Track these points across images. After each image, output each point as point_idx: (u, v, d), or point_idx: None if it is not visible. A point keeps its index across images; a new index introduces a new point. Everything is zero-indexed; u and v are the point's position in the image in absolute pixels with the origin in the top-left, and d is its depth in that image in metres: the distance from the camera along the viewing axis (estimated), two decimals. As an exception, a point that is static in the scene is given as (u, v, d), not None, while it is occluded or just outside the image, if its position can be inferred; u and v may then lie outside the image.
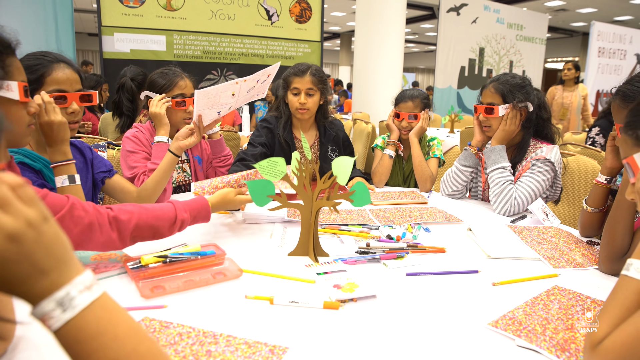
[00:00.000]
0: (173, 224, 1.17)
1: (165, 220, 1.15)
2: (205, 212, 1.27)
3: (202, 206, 1.27)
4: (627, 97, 1.18)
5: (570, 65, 5.53)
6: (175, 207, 1.19)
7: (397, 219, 1.60)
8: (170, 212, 1.17)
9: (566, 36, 19.20)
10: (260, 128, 2.10)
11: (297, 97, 2.03)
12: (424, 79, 28.83)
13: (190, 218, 1.22)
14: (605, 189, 1.36)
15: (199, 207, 1.26)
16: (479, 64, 7.25)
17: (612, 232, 1.16)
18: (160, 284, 1.02)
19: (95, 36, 5.12)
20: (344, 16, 16.24)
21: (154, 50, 4.84)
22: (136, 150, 1.78)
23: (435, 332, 0.87)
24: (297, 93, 2.03)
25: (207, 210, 1.28)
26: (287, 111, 2.11)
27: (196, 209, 1.25)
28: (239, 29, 5.28)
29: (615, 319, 0.64)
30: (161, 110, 1.79)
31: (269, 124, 2.10)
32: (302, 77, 2.02)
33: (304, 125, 2.15)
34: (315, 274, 1.11)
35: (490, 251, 1.28)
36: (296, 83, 2.02)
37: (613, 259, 1.15)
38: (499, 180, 1.72)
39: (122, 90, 2.81)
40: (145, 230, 1.12)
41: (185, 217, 1.19)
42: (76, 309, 0.45)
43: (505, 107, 1.74)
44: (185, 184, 2.00)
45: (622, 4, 13.67)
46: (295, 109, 2.04)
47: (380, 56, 6.19)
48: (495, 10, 7.22)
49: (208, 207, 1.28)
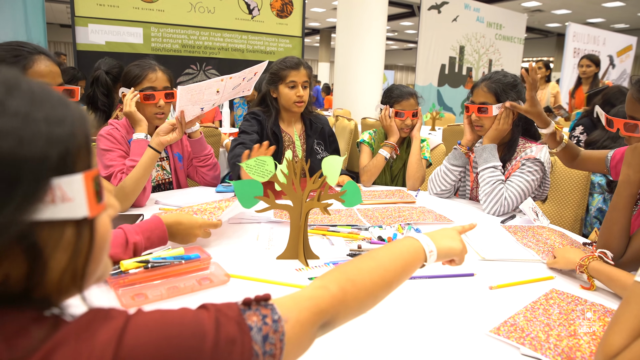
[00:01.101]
0: (125, 248, 1.04)
1: (116, 245, 1.03)
2: (160, 231, 1.13)
3: (155, 225, 1.14)
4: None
5: (541, 64, 5.67)
6: (125, 231, 1.07)
7: (386, 219, 1.56)
8: (120, 236, 1.05)
9: (542, 36, 19.61)
10: (250, 118, 2.06)
11: (294, 90, 2.01)
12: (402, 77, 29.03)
13: (144, 240, 1.09)
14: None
15: (151, 227, 1.13)
16: (459, 62, 7.30)
17: (609, 234, 1.14)
18: (141, 292, 0.95)
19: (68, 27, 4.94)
20: (323, 12, 16.18)
21: (131, 43, 4.68)
22: (111, 148, 1.70)
23: (436, 341, 0.83)
24: (294, 86, 2.00)
25: (162, 230, 1.14)
26: (276, 105, 2.07)
27: (148, 229, 1.12)
28: (218, 23, 5.16)
29: (631, 331, 0.61)
30: (131, 109, 1.71)
31: (257, 116, 2.07)
32: (299, 70, 2.00)
33: (290, 118, 2.12)
34: (307, 279, 1.07)
35: (484, 253, 1.25)
36: (293, 76, 2.00)
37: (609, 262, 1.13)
38: (490, 179, 1.70)
39: (97, 84, 2.69)
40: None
41: (137, 240, 1.07)
42: None
43: (498, 107, 1.72)
44: (165, 182, 1.92)
45: (595, 6, 14.04)
46: (292, 102, 2.02)
47: (362, 52, 6.16)
48: (476, 9, 7.27)
49: (162, 225, 1.15)
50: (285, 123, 2.12)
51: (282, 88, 2.02)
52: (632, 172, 1.14)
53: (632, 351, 0.60)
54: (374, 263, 0.68)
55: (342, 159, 1.14)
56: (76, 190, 0.42)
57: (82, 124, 0.44)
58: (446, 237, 0.81)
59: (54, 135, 0.40)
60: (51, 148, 0.40)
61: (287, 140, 2.10)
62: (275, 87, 2.04)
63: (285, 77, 2.01)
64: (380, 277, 0.67)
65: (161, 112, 1.79)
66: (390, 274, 0.68)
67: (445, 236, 0.81)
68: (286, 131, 2.12)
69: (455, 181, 1.92)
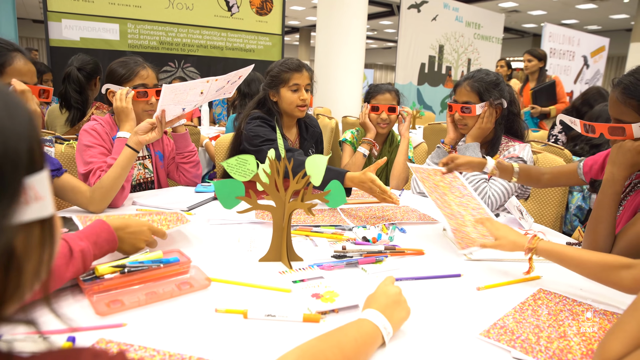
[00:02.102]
0: (69, 259, 0.90)
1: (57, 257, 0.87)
2: (107, 234, 1.01)
3: (101, 228, 1.01)
4: (628, 90, 1.12)
5: (503, 63, 5.81)
6: (67, 239, 0.94)
7: (370, 219, 1.54)
8: (60, 247, 0.89)
9: (518, 36, 19.96)
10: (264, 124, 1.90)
11: (298, 93, 1.91)
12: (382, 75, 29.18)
13: (91, 245, 0.96)
14: None
15: (96, 230, 1.00)
16: (438, 61, 7.35)
17: (595, 232, 1.14)
18: (117, 298, 0.90)
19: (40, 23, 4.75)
20: (303, 10, 16.11)
21: (107, 39, 4.56)
22: (93, 144, 1.63)
23: (426, 344, 0.81)
24: (297, 89, 1.92)
25: (109, 232, 1.02)
26: (278, 109, 1.97)
27: (94, 233, 0.99)
28: (197, 20, 5.07)
29: (633, 340, 0.59)
30: (128, 105, 1.65)
31: (270, 122, 1.92)
32: (302, 73, 1.92)
33: (289, 122, 2.03)
34: (291, 282, 1.03)
35: (470, 253, 1.24)
36: (296, 79, 1.91)
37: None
38: (474, 178, 1.69)
39: (68, 80, 2.59)
40: None
41: (83, 247, 0.94)
42: None
43: (482, 106, 1.71)
44: (147, 181, 1.86)
45: (569, 8, 14.35)
46: (295, 106, 1.92)
47: (342, 51, 6.15)
48: (455, 8, 7.33)
49: (109, 227, 1.03)
50: (285, 128, 2.03)
51: (285, 91, 1.92)
52: (617, 170, 1.14)
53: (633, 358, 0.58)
54: (340, 355, 0.69)
55: (327, 158, 1.11)
56: (45, 188, 0.41)
57: (35, 118, 0.41)
58: (395, 307, 0.82)
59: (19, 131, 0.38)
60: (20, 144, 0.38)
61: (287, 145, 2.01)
62: (276, 90, 1.93)
63: (287, 79, 1.90)
64: None
65: (151, 109, 1.74)
66: None
67: (394, 306, 0.82)
68: (287, 136, 2.03)
69: (439, 180, 1.91)
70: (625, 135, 1.13)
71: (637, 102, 1.10)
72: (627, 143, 1.12)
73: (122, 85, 1.71)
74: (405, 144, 2.18)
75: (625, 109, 1.13)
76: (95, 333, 0.79)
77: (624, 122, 1.14)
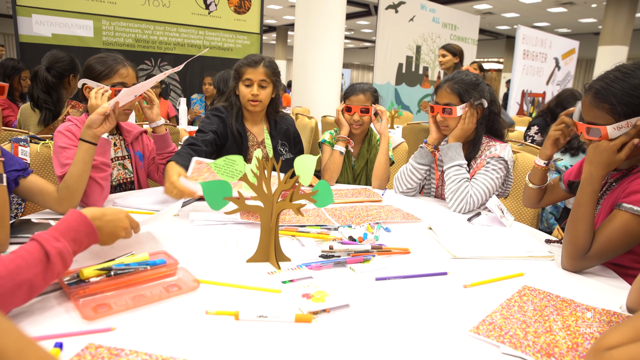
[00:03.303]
0: (46, 264, 0.83)
1: (32, 265, 0.80)
2: (85, 226, 0.94)
3: (78, 221, 0.93)
4: (600, 94, 1.17)
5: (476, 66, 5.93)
6: (40, 240, 0.84)
7: (355, 219, 1.55)
8: (33, 251, 0.82)
9: (492, 38, 20.37)
10: (212, 116, 1.99)
11: (250, 88, 1.94)
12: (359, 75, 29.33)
13: (69, 243, 0.89)
14: (544, 170, 1.52)
15: (73, 225, 0.92)
16: (415, 62, 7.43)
17: (575, 230, 1.18)
18: (104, 302, 0.88)
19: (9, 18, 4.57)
20: (280, 9, 16.05)
21: (80, 36, 4.44)
22: (69, 145, 1.59)
23: (417, 342, 0.81)
24: (250, 84, 1.93)
25: (87, 224, 0.95)
26: (237, 102, 2.01)
27: (72, 229, 0.91)
28: (174, 17, 4.99)
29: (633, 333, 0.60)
30: (102, 103, 1.60)
31: (220, 113, 1.99)
32: (256, 68, 1.93)
33: (254, 117, 2.06)
34: (280, 282, 1.03)
35: (455, 251, 1.26)
36: (249, 74, 1.93)
37: (576, 257, 1.17)
38: (456, 177, 1.72)
39: (35, 81, 2.51)
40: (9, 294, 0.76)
41: (60, 246, 0.86)
42: None
43: (462, 107, 1.74)
44: (127, 182, 1.82)
45: (541, 11, 14.74)
46: (247, 100, 1.95)
47: (320, 50, 6.14)
48: (431, 9, 7.43)
49: (86, 219, 0.95)
50: (249, 122, 2.06)
51: (240, 85, 1.96)
52: (594, 170, 1.18)
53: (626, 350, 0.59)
54: None
55: (316, 158, 1.11)
56: None
57: None
58: None
59: None
60: None
61: (251, 140, 2.04)
62: (237, 84, 1.98)
63: (242, 74, 1.95)
64: None
65: (129, 108, 1.70)
66: None
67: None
68: (251, 131, 2.05)
69: (421, 179, 1.93)
70: (601, 137, 1.18)
71: (609, 105, 1.15)
72: (603, 143, 1.17)
73: (100, 82, 1.67)
74: (386, 143, 2.19)
75: (599, 112, 1.17)
76: (84, 338, 0.77)
77: (598, 125, 1.18)
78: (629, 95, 1.13)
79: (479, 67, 5.91)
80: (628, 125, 1.14)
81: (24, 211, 1.74)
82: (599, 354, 0.61)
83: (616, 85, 1.14)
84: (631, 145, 1.15)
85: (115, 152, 1.81)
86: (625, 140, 1.15)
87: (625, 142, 1.15)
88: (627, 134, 1.14)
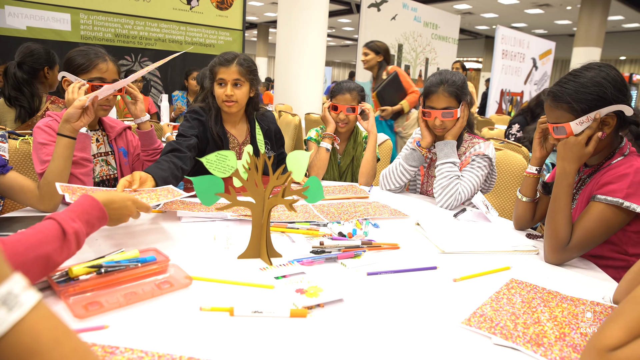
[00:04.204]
0: (63, 241, 0.88)
1: (51, 240, 0.86)
2: (98, 211, 1.01)
3: (91, 205, 1.00)
4: (557, 97, 1.26)
5: (458, 65, 6.02)
6: (58, 219, 0.90)
7: (343, 215, 1.56)
8: (52, 228, 0.88)
9: (472, 38, 20.65)
10: (191, 119, 1.91)
11: (223, 88, 1.84)
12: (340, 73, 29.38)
13: (83, 224, 0.95)
14: (535, 178, 1.47)
15: (86, 208, 0.98)
16: (397, 60, 7.48)
17: (554, 223, 1.22)
18: (95, 300, 0.87)
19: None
20: (261, 6, 15.95)
21: (57, 30, 4.33)
22: (49, 142, 1.55)
23: (411, 334, 0.83)
24: (223, 84, 1.85)
25: (99, 209, 1.01)
26: (215, 103, 1.92)
27: (85, 212, 0.97)
28: (155, 12, 4.91)
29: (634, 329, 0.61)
30: (79, 97, 1.56)
31: (199, 116, 1.91)
32: (228, 67, 1.83)
33: (233, 118, 1.97)
34: (273, 278, 1.03)
35: (444, 246, 1.28)
36: (222, 73, 1.84)
37: (558, 249, 1.21)
38: (448, 173, 1.75)
39: (5, 77, 2.42)
40: (30, 266, 0.82)
41: (77, 228, 0.92)
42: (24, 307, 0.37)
43: (461, 109, 1.78)
44: (110, 178, 1.79)
45: (519, 12, 15.02)
46: (221, 101, 1.86)
47: (303, 47, 6.13)
48: (413, 8, 7.48)
49: (99, 203, 1.01)
50: (229, 124, 1.97)
51: (215, 86, 1.88)
52: (567, 164, 1.25)
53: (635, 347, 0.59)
54: None
55: (309, 154, 1.12)
56: None
57: None
58: None
59: None
60: None
61: (232, 142, 1.97)
62: (212, 84, 1.90)
63: (215, 73, 1.86)
64: None
65: (108, 104, 1.66)
66: None
67: None
68: (231, 132, 1.97)
69: (409, 179, 1.96)
70: (567, 134, 1.26)
71: (566, 104, 1.24)
72: (571, 139, 1.25)
73: (79, 76, 1.63)
74: (373, 141, 2.20)
75: (559, 112, 1.26)
76: (76, 336, 0.75)
77: (559, 123, 1.27)
78: (581, 92, 1.22)
79: (462, 67, 6.00)
80: (588, 119, 1.22)
81: (2, 209, 1.69)
82: (604, 355, 0.61)
83: (569, 86, 1.24)
84: (596, 138, 1.23)
85: (98, 148, 1.77)
86: (590, 134, 1.23)
87: (590, 135, 1.23)
88: (590, 128, 1.22)
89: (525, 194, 1.49)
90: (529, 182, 1.48)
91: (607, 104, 1.21)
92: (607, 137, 1.27)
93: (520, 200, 1.50)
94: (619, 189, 1.18)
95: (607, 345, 0.61)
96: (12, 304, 0.37)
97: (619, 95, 1.21)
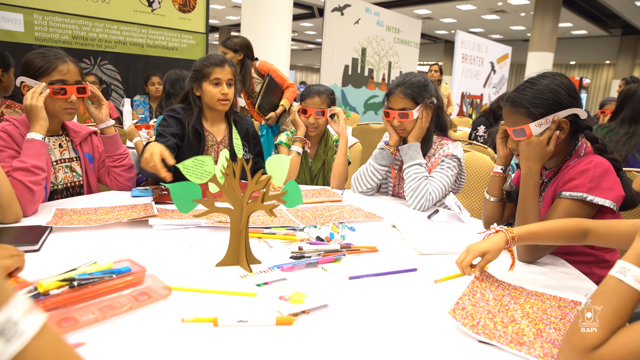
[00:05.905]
0: None
1: None
2: None
3: None
4: (515, 102, 1.32)
5: (437, 68, 6.17)
6: None
7: (318, 219, 1.55)
8: None
9: (432, 42, 21.15)
10: (168, 118, 1.95)
11: (219, 87, 1.94)
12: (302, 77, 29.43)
13: None
14: (502, 178, 1.52)
15: None
16: (361, 64, 7.56)
17: (525, 221, 1.26)
18: (69, 315, 0.82)
19: None
20: (223, 9, 15.76)
21: (9, 31, 4.12)
22: (2, 147, 1.47)
23: (399, 337, 0.83)
24: (219, 83, 1.94)
25: None
26: (199, 103, 2.00)
27: None
28: (114, 14, 4.75)
29: (610, 326, 0.63)
30: (38, 103, 1.49)
31: (177, 114, 1.96)
32: (223, 68, 1.95)
33: (215, 117, 2.05)
34: (255, 285, 1.01)
35: (421, 248, 1.30)
36: (217, 73, 1.94)
37: (529, 248, 1.24)
38: (416, 175, 1.77)
39: None
40: None
41: None
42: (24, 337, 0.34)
43: (417, 110, 1.79)
44: (75, 185, 1.71)
45: (476, 17, 15.52)
46: (217, 100, 1.95)
47: (268, 51, 6.09)
48: (376, 13, 7.59)
49: None
50: (209, 122, 2.04)
51: (206, 85, 1.95)
52: (532, 164, 1.30)
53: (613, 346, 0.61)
54: None
55: (289, 158, 1.10)
56: None
57: None
58: None
59: None
60: None
61: (210, 140, 2.02)
62: (199, 84, 1.97)
63: (209, 74, 1.94)
64: None
65: (72, 107, 1.59)
66: None
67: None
68: (210, 130, 2.03)
69: (381, 180, 1.97)
70: (526, 136, 1.31)
71: (524, 109, 1.30)
72: (534, 139, 1.29)
73: (38, 79, 1.55)
74: (344, 144, 2.21)
75: (518, 117, 1.32)
76: (51, 355, 0.71)
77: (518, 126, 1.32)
78: (538, 98, 1.28)
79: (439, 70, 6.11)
80: (547, 122, 1.28)
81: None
82: (586, 356, 0.62)
83: (526, 92, 1.30)
84: (555, 138, 1.28)
85: (62, 154, 1.69)
86: (551, 135, 1.28)
87: (550, 136, 1.28)
88: (550, 129, 1.28)
89: (492, 194, 1.52)
90: (496, 182, 1.51)
91: (563, 109, 1.28)
92: (562, 142, 1.33)
93: (488, 200, 1.53)
94: (581, 184, 1.24)
95: (589, 345, 0.62)
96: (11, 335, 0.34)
97: (572, 100, 1.29)
